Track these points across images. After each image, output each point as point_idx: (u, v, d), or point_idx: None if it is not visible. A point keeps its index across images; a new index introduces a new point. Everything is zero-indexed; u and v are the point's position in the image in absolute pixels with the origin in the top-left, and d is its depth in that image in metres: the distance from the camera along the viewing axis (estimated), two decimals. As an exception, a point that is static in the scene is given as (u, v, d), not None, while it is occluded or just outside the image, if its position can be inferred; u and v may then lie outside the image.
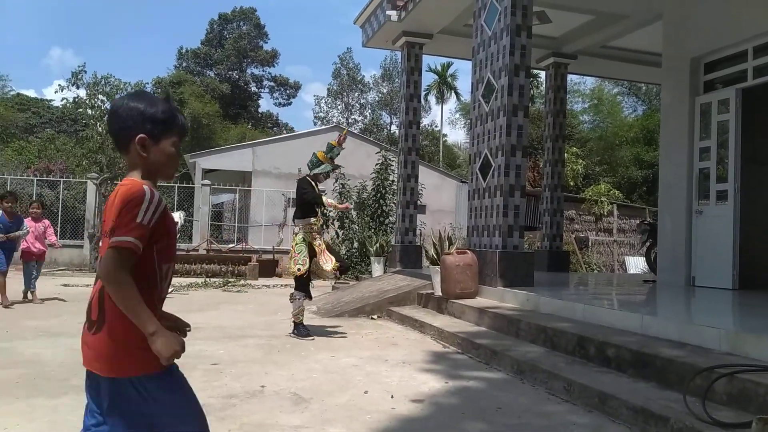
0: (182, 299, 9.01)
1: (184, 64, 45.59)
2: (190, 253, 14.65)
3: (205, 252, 14.70)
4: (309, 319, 7.32)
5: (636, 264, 15.43)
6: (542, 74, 14.85)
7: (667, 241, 8.31)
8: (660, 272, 8.52)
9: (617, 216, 19.54)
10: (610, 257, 18.50)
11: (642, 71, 11.94)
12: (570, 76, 13.11)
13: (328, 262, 5.99)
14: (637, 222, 16.87)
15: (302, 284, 6.10)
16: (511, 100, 6.88)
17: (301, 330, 5.99)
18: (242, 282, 12.56)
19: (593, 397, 3.63)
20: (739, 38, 7.35)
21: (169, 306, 1.83)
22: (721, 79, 7.82)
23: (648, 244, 9.68)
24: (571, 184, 22.45)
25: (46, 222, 8.80)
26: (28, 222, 8.37)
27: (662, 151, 8.91)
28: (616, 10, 9.29)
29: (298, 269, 5.94)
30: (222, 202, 25.33)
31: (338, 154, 6.34)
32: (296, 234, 6.09)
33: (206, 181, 17.06)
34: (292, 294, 6.16)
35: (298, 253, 5.95)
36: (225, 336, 5.92)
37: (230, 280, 12.74)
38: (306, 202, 6.08)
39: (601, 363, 4.24)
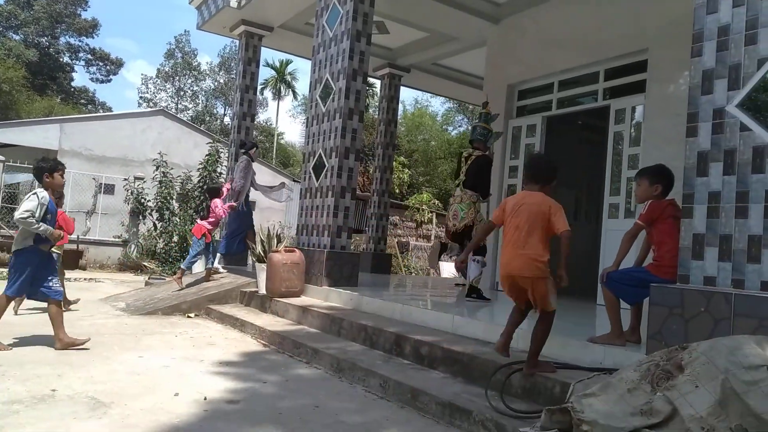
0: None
1: (-20, 21, 39.20)
2: (-28, 238, 12.61)
3: (-9, 237, 12.73)
4: (115, 317, 6.70)
5: (449, 269, 16.61)
6: (377, 83, 15.38)
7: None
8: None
9: (435, 224, 20.93)
10: (426, 261, 19.72)
11: (467, 92, 12.93)
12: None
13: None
14: (453, 231, 18.21)
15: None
16: (347, 104, 6.99)
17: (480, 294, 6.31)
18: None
19: (406, 393, 3.79)
20: (547, 72, 8.31)
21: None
22: (531, 106, 8.76)
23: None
24: (397, 191, 23.57)
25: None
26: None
27: (479, 166, 9.70)
28: (448, 32, 9.94)
29: (454, 225, 6.30)
30: (18, 183, 22.19)
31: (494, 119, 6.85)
32: (462, 201, 6.35)
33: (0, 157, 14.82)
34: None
35: (458, 212, 6.31)
36: (9, 334, 5.14)
37: (22, 270, 11.17)
38: (485, 183, 6.51)
39: (415, 360, 4.46)
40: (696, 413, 2.37)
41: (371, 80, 18.14)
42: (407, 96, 60.34)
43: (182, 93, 46.66)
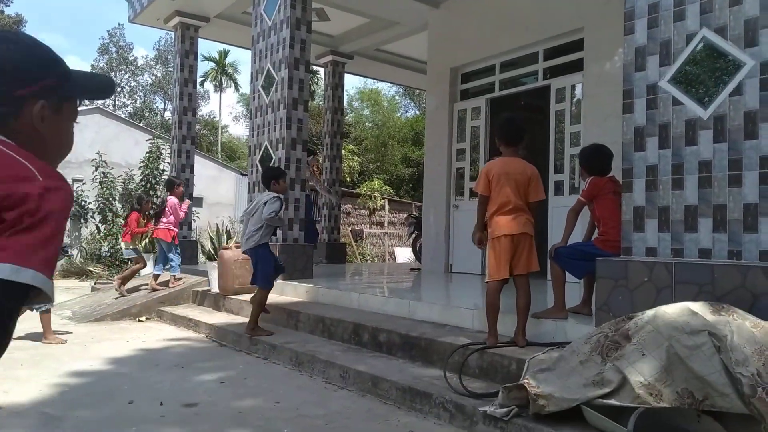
0: None
1: None
2: None
3: None
4: (61, 326, 6.44)
5: (404, 254, 16.72)
6: (322, 71, 15.21)
7: (430, 233, 9.15)
8: (424, 261, 9.34)
9: (388, 210, 20.99)
10: (381, 248, 19.79)
11: (412, 77, 12.93)
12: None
13: None
14: (405, 216, 18.33)
15: None
16: (291, 93, 6.89)
17: None
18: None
19: (366, 381, 3.81)
20: (488, 54, 8.39)
21: None
22: (475, 89, 8.85)
23: (414, 235, 10.55)
24: (348, 179, 23.51)
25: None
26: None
27: (427, 151, 9.78)
28: (388, 16, 9.89)
29: None
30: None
31: None
32: None
33: None
34: None
35: None
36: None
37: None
38: None
39: (374, 348, 4.48)
40: (644, 380, 2.47)
41: (315, 68, 17.94)
42: (355, 84, 59.93)
43: (119, 89, 44.89)
